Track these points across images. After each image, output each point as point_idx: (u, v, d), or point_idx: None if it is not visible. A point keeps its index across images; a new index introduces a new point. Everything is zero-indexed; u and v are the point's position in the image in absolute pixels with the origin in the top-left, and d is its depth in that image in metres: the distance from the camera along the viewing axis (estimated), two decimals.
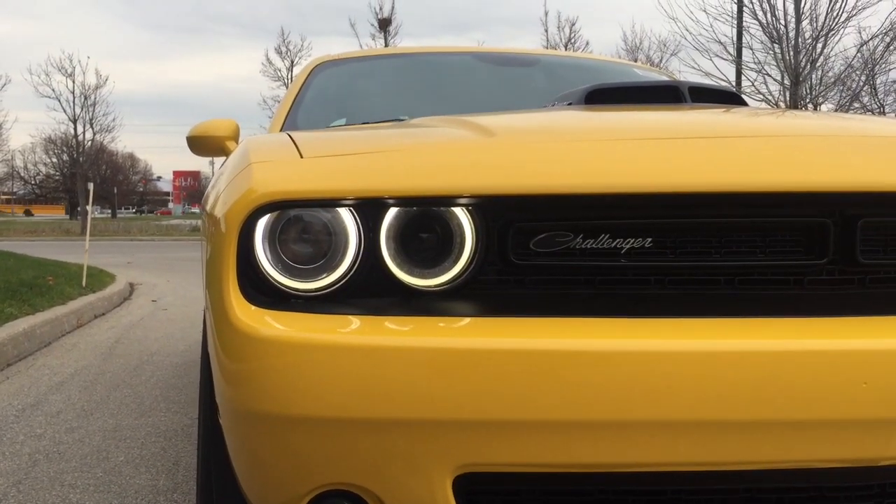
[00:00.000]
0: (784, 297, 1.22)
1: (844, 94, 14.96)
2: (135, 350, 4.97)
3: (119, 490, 2.46)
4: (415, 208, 1.20)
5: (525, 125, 1.43)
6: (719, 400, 1.10)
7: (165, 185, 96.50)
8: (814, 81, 14.60)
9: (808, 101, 14.93)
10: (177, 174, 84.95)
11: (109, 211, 65.62)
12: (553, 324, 1.16)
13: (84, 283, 7.41)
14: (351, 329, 1.15)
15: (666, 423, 1.12)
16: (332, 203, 1.19)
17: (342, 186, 1.19)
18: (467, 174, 1.19)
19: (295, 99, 2.81)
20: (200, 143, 2.72)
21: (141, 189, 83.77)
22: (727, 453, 1.14)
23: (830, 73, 14.80)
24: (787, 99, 14.25)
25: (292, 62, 29.12)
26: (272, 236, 1.20)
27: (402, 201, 1.19)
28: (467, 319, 1.18)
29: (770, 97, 14.51)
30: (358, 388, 1.12)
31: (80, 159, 30.37)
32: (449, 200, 1.19)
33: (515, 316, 1.17)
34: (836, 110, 15.00)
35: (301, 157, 1.24)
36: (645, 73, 3.14)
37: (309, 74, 2.99)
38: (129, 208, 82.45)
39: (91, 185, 8.25)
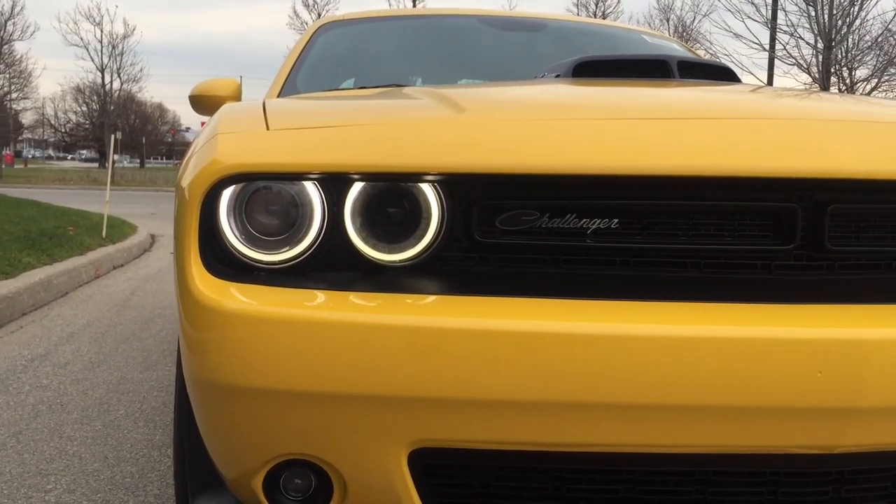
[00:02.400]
0: (750, 282, 1.21)
1: (881, 59, 14.61)
2: (148, 303, 5.05)
3: (116, 443, 2.52)
4: (380, 184, 1.20)
5: (498, 100, 1.42)
6: (679, 384, 1.10)
7: (193, 136, 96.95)
8: (849, 45, 14.27)
9: (842, 65, 14.59)
10: (204, 125, 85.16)
11: (138, 161, 66.16)
12: (517, 304, 1.16)
13: (104, 234, 7.51)
14: (315, 303, 1.16)
15: (624, 406, 1.12)
16: (296, 176, 1.19)
17: (307, 160, 1.19)
18: (433, 151, 1.18)
19: (297, 60, 2.80)
20: (202, 103, 2.73)
21: (169, 139, 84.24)
22: (684, 437, 1.15)
23: (867, 37, 14.44)
24: (820, 63, 13.95)
25: (319, 15, 28.94)
26: (236, 208, 1.20)
27: (367, 177, 1.19)
28: (433, 297, 1.18)
29: (803, 61, 14.21)
30: (319, 363, 1.13)
31: (109, 108, 30.55)
32: (415, 177, 1.19)
33: (481, 294, 1.17)
34: (870, 76, 14.64)
35: (267, 128, 1.24)
36: (654, 41, 3.08)
37: (313, 35, 2.97)
38: (157, 158, 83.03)
39: (116, 135, 8.30)
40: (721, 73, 1.89)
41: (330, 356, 1.12)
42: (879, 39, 13.89)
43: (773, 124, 1.24)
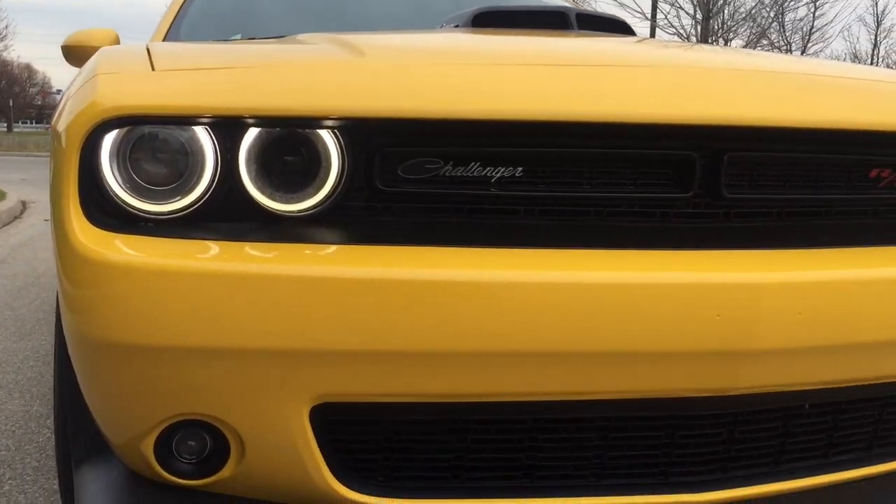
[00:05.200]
0: (651, 229, 1.22)
1: (753, 31, 15.26)
2: (21, 271, 4.76)
3: None
4: (277, 129, 1.14)
5: (399, 46, 1.38)
6: (581, 331, 1.10)
7: None
8: (725, 16, 14.82)
9: (719, 35, 15.14)
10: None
11: (6, 125, 62.25)
12: (420, 253, 1.13)
13: None
14: (208, 255, 1.10)
15: (528, 354, 1.12)
16: (185, 121, 1.12)
17: (197, 103, 1.11)
18: (332, 95, 1.13)
19: (179, 10, 2.65)
20: (76, 54, 2.55)
21: (39, 102, 79.57)
22: (586, 384, 1.15)
23: (742, 9, 15.04)
24: (699, 33, 14.45)
25: None
26: (120, 154, 1.12)
27: (263, 121, 1.13)
28: (333, 247, 1.14)
29: (682, 31, 14.68)
30: (213, 317, 1.07)
31: None
32: (313, 122, 1.13)
33: (383, 244, 1.14)
34: (744, 46, 15.26)
35: (153, 69, 1.16)
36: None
37: None
38: (27, 122, 78.31)
39: None
40: (618, 27, 1.90)
41: (224, 310, 1.07)
42: (753, 11, 14.50)
43: (671, 72, 1.25)
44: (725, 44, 15.48)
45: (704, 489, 1.25)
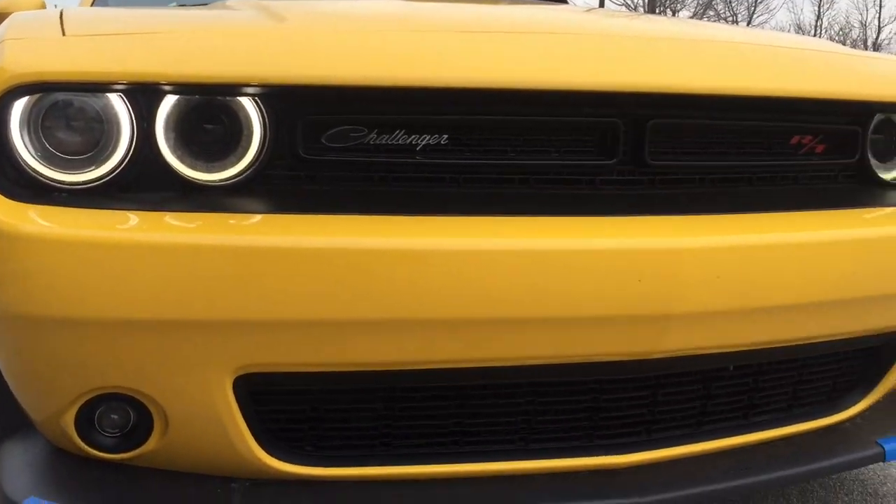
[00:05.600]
0: (577, 196, 1.23)
1: (700, 2, 15.40)
2: None
3: None
4: (196, 97, 1.12)
5: (322, 12, 1.35)
6: (508, 297, 1.11)
7: None
8: None
9: (666, 6, 15.24)
10: None
11: None
12: (345, 222, 1.12)
13: None
14: (127, 226, 1.08)
15: (454, 321, 1.12)
16: (99, 87, 1.09)
17: (111, 69, 1.09)
18: (253, 61, 1.12)
19: None
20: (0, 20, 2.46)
21: None
22: (514, 350, 1.17)
23: None
24: (646, 4, 14.54)
25: None
26: (31, 122, 1.09)
27: (180, 88, 1.11)
28: (257, 217, 1.12)
29: (630, 2, 14.75)
30: (133, 288, 1.05)
31: None
32: (233, 89, 1.11)
33: (308, 213, 1.13)
34: (691, 17, 15.41)
35: (63, 34, 1.12)
36: None
37: None
38: None
39: None
40: None
41: (145, 281, 1.05)
42: None
43: (594, 40, 1.25)
44: (673, 15, 15.62)
45: (627, 451, 1.28)
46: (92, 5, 2.44)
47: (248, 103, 1.12)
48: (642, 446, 1.29)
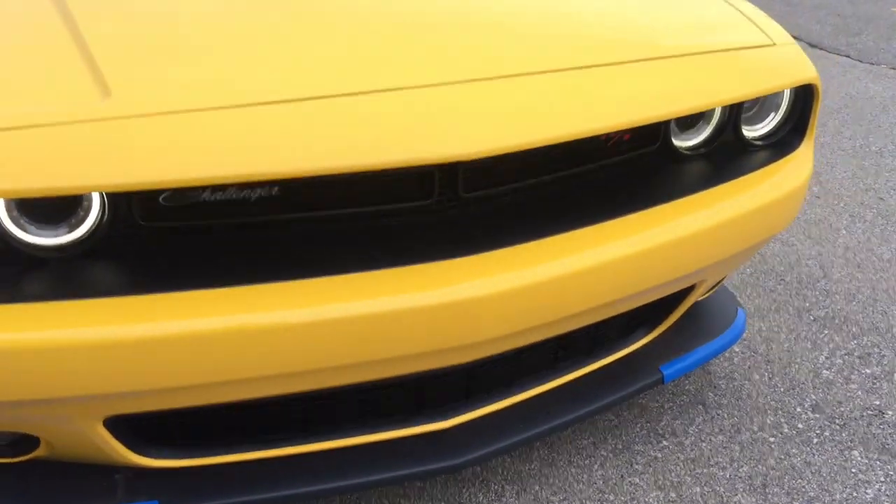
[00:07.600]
0: (399, 241, 1.34)
1: None
2: None
3: None
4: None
5: (158, 72, 1.25)
6: (325, 352, 1.26)
7: None
8: None
9: None
10: None
11: None
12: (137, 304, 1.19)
13: None
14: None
15: (279, 376, 1.28)
16: None
17: None
18: (81, 175, 1.11)
19: None
20: None
21: None
22: (337, 380, 1.35)
23: None
24: None
25: None
26: None
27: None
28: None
29: None
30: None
31: None
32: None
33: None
34: None
35: None
36: None
37: None
38: None
39: None
40: None
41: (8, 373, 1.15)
42: None
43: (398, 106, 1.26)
44: None
45: (451, 415, 1.54)
46: None
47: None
48: (462, 409, 1.55)
